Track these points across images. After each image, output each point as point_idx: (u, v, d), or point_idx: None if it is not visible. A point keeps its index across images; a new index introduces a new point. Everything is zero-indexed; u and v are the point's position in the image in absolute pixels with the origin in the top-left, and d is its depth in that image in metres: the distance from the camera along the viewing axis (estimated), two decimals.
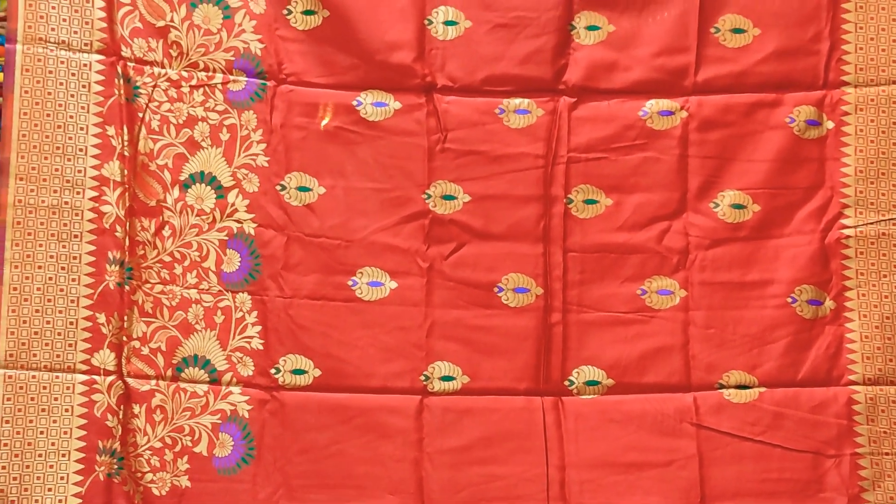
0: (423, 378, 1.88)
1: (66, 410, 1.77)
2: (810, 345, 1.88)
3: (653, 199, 1.90)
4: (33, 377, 1.77)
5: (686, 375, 1.88)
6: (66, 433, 1.76)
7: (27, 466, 1.75)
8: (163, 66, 1.87)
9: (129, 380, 1.82)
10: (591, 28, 1.91)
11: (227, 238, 1.88)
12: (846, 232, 1.88)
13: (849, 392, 1.86)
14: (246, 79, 1.90)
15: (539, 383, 1.88)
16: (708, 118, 1.90)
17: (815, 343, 1.88)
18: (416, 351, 1.88)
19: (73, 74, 1.81)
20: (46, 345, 1.78)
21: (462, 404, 1.88)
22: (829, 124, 1.89)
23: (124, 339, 1.83)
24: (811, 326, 1.88)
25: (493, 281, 1.90)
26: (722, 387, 1.88)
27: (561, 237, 1.90)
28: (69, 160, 1.80)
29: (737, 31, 1.90)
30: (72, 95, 1.81)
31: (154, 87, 1.86)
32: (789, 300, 1.88)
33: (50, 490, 1.75)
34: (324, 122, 1.90)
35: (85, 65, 1.82)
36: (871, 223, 1.87)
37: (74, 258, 1.80)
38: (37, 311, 1.78)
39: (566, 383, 1.89)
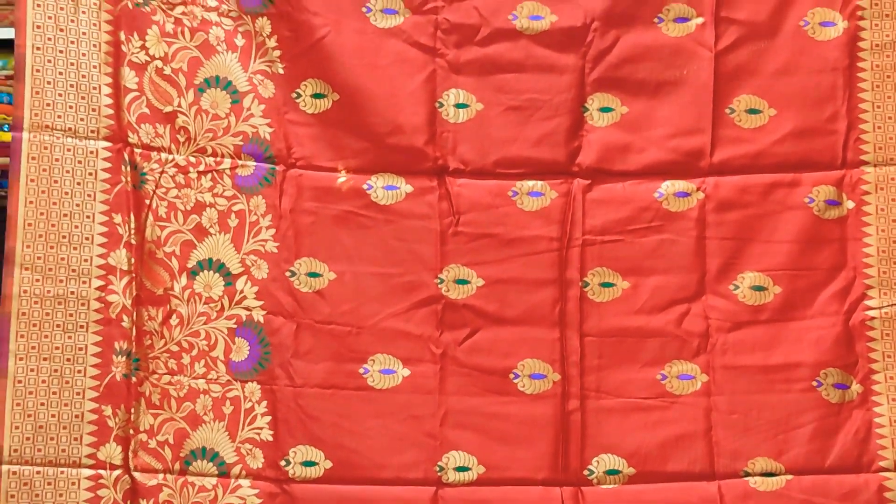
0: (437, 468, 1.83)
1: None
2: (838, 430, 1.83)
3: (671, 281, 1.87)
4: (38, 473, 1.72)
5: (710, 463, 1.83)
6: None
7: None
8: (170, 152, 1.85)
9: (136, 474, 1.78)
10: (604, 110, 1.89)
11: (235, 326, 1.84)
12: (871, 313, 1.84)
13: (880, 479, 1.80)
14: (255, 163, 1.87)
15: (558, 473, 1.83)
16: (725, 199, 1.87)
17: (843, 428, 1.83)
18: (430, 440, 1.83)
19: (80, 162, 1.79)
20: (52, 439, 1.73)
21: (478, 495, 1.82)
22: (850, 204, 1.86)
23: (131, 431, 1.78)
24: (838, 411, 1.83)
25: (509, 367, 1.86)
26: (747, 475, 1.82)
27: (577, 321, 1.86)
28: (75, 249, 1.77)
29: (752, 111, 1.88)
30: (78, 183, 1.78)
31: (161, 173, 1.84)
32: (815, 384, 1.83)
33: None
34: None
35: (91, 152, 1.80)
36: None
37: (80, 349, 1.76)
38: (42, 404, 1.74)
39: (586, 472, 1.83)
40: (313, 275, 1.86)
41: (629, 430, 1.84)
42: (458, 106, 1.89)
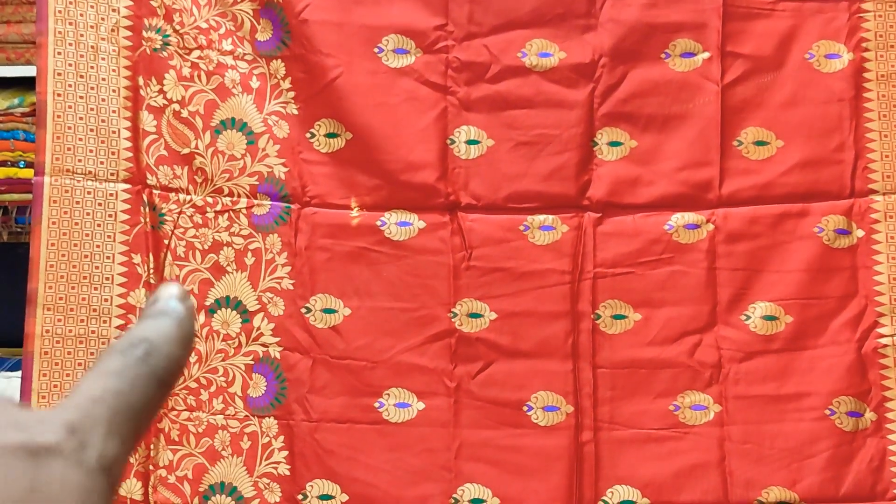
0: (452, 501, 1.84)
1: None
2: (852, 458, 1.83)
3: (682, 313, 1.88)
4: None
5: (724, 493, 1.83)
6: None
7: None
8: (188, 193, 1.89)
9: None
10: (613, 144, 1.92)
11: (253, 362, 1.87)
12: (883, 341, 1.85)
13: None
14: (270, 202, 1.91)
15: None
16: (735, 230, 1.88)
17: (857, 456, 1.83)
18: (445, 473, 1.85)
19: (100, 204, 1.83)
20: None
21: None
22: (860, 233, 1.87)
23: (151, 467, 1.81)
24: (852, 439, 1.83)
25: (522, 399, 1.88)
26: None
27: (590, 353, 1.88)
28: (96, 289, 1.81)
29: (759, 143, 1.89)
30: (98, 225, 1.83)
31: (179, 213, 1.88)
32: (828, 412, 1.84)
33: None
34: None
35: (111, 194, 1.84)
36: None
37: None
38: None
39: None
40: (328, 311, 1.89)
41: (643, 460, 1.85)
42: (470, 142, 1.92)
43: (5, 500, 0.24)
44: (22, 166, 2.54)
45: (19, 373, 1.79)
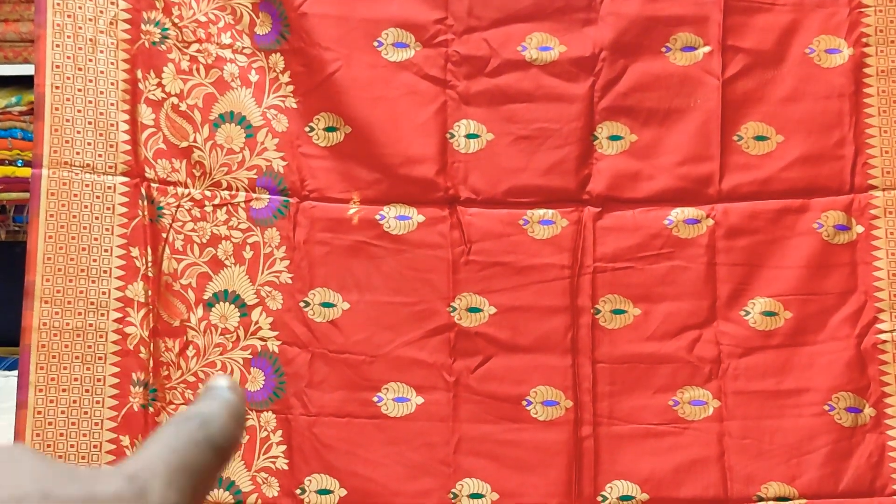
0: (451, 496, 1.84)
1: None
2: (851, 454, 1.82)
3: (682, 308, 1.88)
4: None
5: (723, 488, 1.83)
6: None
7: None
8: (186, 186, 1.88)
9: None
10: (613, 138, 1.91)
11: (251, 356, 1.87)
12: (882, 336, 1.84)
13: (893, 503, 1.80)
14: (268, 196, 1.90)
15: (571, 499, 1.83)
16: (734, 226, 1.88)
17: (856, 452, 1.82)
18: (444, 468, 1.85)
19: (98, 197, 1.82)
20: None
21: None
22: (859, 228, 1.86)
23: None
24: (851, 435, 1.83)
25: (522, 394, 1.87)
26: (760, 499, 1.82)
27: (589, 348, 1.87)
28: (93, 282, 1.80)
29: (759, 138, 1.89)
30: (96, 218, 1.82)
31: (178, 207, 1.87)
32: (827, 408, 1.84)
33: None
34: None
35: (109, 187, 1.83)
36: None
37: (98, 380, 1.78)
38: (61, 434, 1.76)
39: (599, 499, 1.84)
40: (327, 305, 1.89)
41: (642, 455, 1.85)
42: (469, 136, 1.92)
43: None
44: (20, 165, 2.54)
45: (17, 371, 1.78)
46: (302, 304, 1.88)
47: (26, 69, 2.52)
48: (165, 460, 0.29)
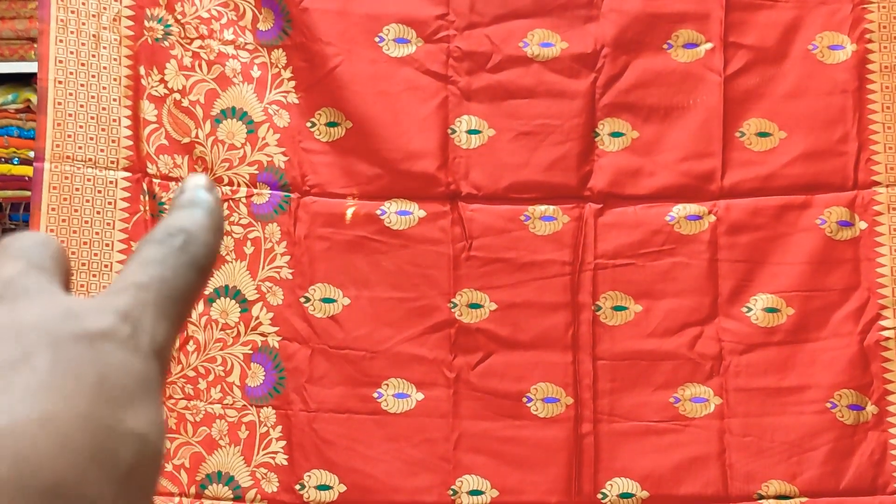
0: (450, 492, 1.83)
1: None
2: (853, 452, 1.81)
3: (683, 304, 1.87)
4: None
5: (723, 486, 1.82)
6: None
7: None
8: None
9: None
10: (614, 135, 1.91)
11: (251, 352, 1.87)
12: (885, 333, 1.83)
13: (895, 501, 1.78)
14: (269, 191, 1.90)
15: (571, 496, 1.83)
16: (737, 222, 1.87)
17: (858, 450, 1.81)
18: (444, 464, 1.84)
19: (99, 192, 1.83)
20: None
21: None
22: (862, 225, 1.85)
23: None
24: (853, 432, 1.82)
25: (522, 391, 1.87)
26: (761, 497, 1.81)
27: (590, 345, 1.87)
28: (94, 276, 1.81)
29: (762, 134, 1.88)
30: (98, 212, 1.82)
31: None
32: (829, 405, 1.83)
33: None
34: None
35: (111, 182, 1.84)
36: None
37: None
38: None
39: (599, 496, 1.83)
40: (327, 300, 1.89)
41: (642, 453, 1.84)
42: (471, 132, 1.91)
43: (80, 392, 0.24)
44: (16, 163, 2.55)
45: None
46: (302, 300, 1.88)
47: (23, 67, 2.54)
48: (155, 290, 0.29)
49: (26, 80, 2.57)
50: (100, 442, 0.24)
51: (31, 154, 1.99)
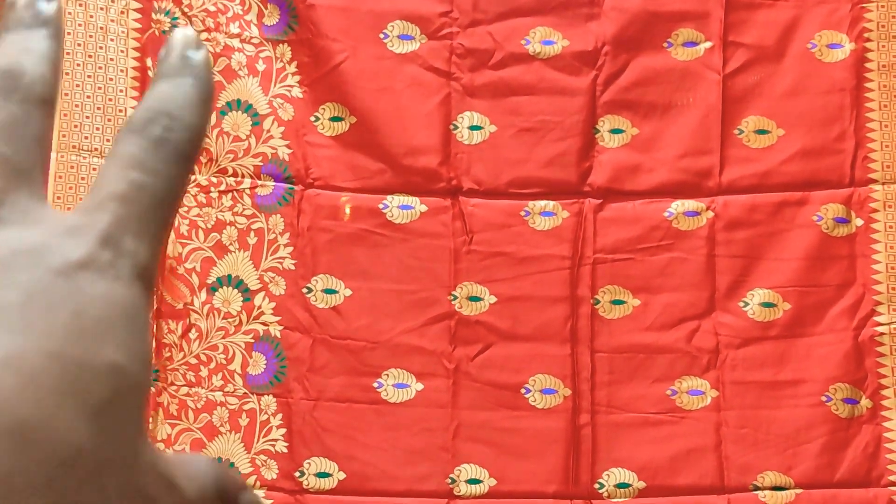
0: (449, 481, 1.85)
1: None
2: (847, 445, 1.83)
3: (681, 298, 1.89)
4: None
5: (719, 477, 1.84)
6: None
7: None
8: (193, 173, 1.90)
9: None
10: (614, 131, 1.93)
11: (253, 341, 1.89)
12: (880, 329, 1.85)
13: (889, 493, 1.81)
14: (273, 183, 1.93)
15: (568, 486, 1.85)
16: (734, 218, 1.89)
17: (853, 443, 1.83)
18: (443, 453, 1.86)
19: None
20: None
21: None
22: (859, 221, 1.88)
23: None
24: (848, 426, 1.84)
25: (521, 382, 1.89)
26: (757, 488, 1.83)
27: (588, 338, 1.89)
28: None
29: (760, 131, 1.91)
30: None
31: None
32: (824, 399, 1.85)
33: None
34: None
35: None
36: None
37: None
38: None
39: (596, 486, 1.85)
40: (329, 291, 1.91)
41: (639, 444, 1.86)
42: (472, 128, 1.94)
43: (50, 329, 0.23)
44: None
45: None
46: (304, 290, 1.90)
47: None
48: (135, 201, 0.26)
49: None
50: (71, 378, 0.22)
51: None
